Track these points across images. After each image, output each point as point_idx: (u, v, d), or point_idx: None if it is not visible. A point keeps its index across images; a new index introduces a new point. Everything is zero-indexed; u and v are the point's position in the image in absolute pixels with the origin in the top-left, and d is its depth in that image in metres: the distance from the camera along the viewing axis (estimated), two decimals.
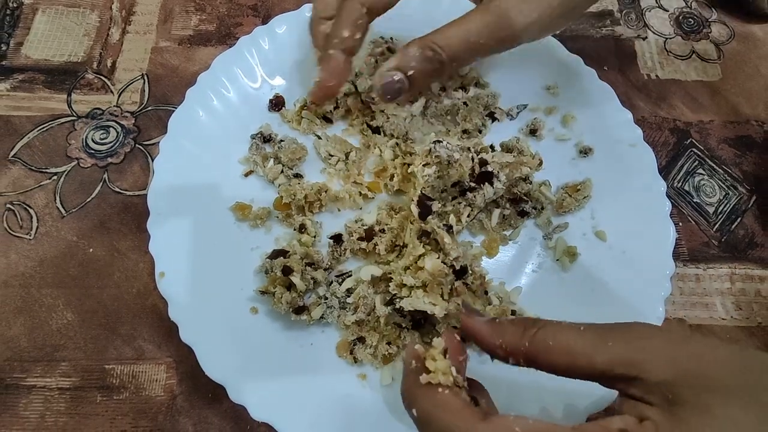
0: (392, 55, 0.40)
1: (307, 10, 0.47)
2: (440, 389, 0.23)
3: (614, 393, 0.24)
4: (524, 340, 0.24)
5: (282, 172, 0.42)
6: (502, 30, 0.32)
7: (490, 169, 0.36)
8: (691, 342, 0.22)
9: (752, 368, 0.21)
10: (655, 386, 0.21)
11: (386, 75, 0.34)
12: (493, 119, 0.45)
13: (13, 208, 0.43)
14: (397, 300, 0.34)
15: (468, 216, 0.37)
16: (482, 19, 0.32)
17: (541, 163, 0.43)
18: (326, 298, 0.37)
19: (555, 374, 0.24)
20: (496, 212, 0.41)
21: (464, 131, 0.44)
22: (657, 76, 0.52)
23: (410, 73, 0.34)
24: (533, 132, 0.45)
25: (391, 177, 0.42)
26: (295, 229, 0.39)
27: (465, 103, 0.44)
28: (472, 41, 0.32)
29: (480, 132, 0.44)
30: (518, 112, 0.46)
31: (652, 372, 0.21)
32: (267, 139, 0.43)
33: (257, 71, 0.46)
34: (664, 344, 0.22)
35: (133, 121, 0.47)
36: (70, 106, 0.47)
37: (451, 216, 0.35)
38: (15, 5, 0.52)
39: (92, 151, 0.45)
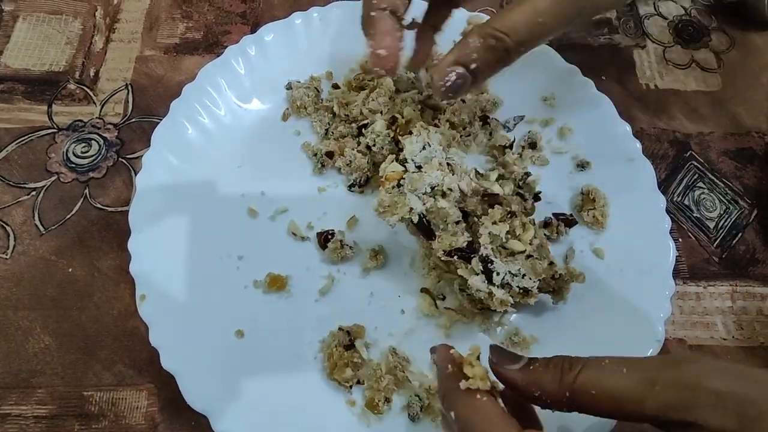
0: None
1: (296, 18, 0.46)
2: (479, 395, 0.23)
3: None
4: (564, 389, 0.23)
5: None
6: (577, 2, 0.28)
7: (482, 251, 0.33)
8: (746, 382, 0.21)
9: None
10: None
11: (448, 73, 0.30)
12: (485, 123, 0.44)
13: None
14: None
15: None
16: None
17: (533, 210, 0.39)
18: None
19: (600, 416, 0.23)
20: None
21: (450, 124, 0.42)
22: (656, 85, 0.50)
23: (473, 66, 0.30)
24: (532, 146, 0.44)
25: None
26: None
27: (462, 99, 0.43)
28: (542, 21, 0.28)
29: (464, 129, 0.43)
30: (515, 124, 0.45)
31: (710, 420, 0.20)
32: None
33: (245, 82, 0.44)
34: (718, 386, 0.21)
35: (116, 134, 0.45)
36: (50, 118, 0.46)
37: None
38: None
39: (73, 165, 0.44)
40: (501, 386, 0.25)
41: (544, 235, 0.39)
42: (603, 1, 0.30)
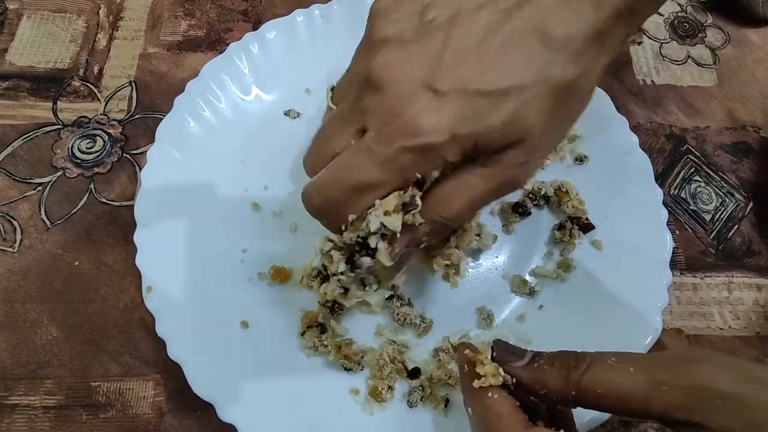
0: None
1: (298, 16, 0.47)
2: (490, 393, 0.24)
3: None
4: (570, 388, 0.23)
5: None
6: (507, 187, 0.29)
7: None
8: (753, 383, 0.21)
9: None
10: None
11: (404, 253, 0.30)
12: None
13: None
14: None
15: None
16: (486, 184, 0.28)
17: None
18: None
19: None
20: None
21: None
22: (652, 81, 0.51)
23: (423, 245, 0.31)
24: None
25: None
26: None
27: None
28: (478, 204, 0.29)
29: None
30: None
31: (716, 421, 0.21)
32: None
33: (247, 78, 0.45)
34: (727, 389, 0.21)
35: (121, 130, 0.46)
36: (55, 115, 0.46)
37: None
38: (0, 11, 0.51)
39: (78, 161, 0.44)
40: (512, 380, 0.25)
41: (555, 240, 0.40)
42: (528, 179, 0.30)
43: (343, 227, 0.29)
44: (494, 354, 0.26)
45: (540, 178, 0.43)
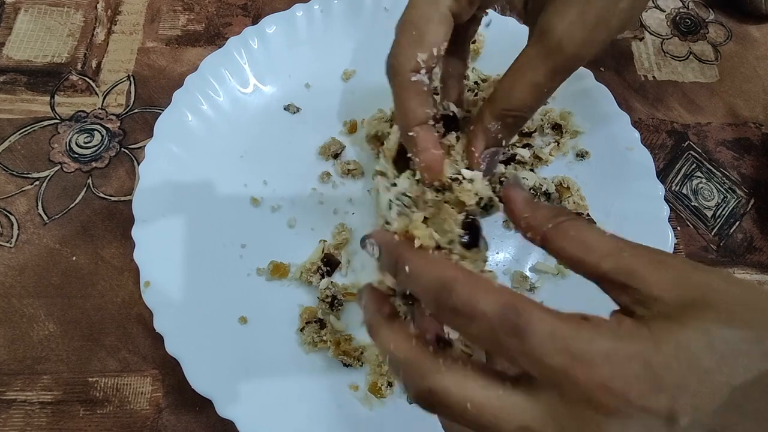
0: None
1: (298, 10, 0.46)
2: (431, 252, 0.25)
3: None
4: (549, 222, 0.24)
5: None
6: (567, 67, 0.28)
7: None
8: (708, 273, 0.21)
9: (765, 308, 0.20)
10: (646, 300, 0.21)
11: (485, 157, 0.31)
12: None
13: None
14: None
15: None
16: (544, 63, 0.28)
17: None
18: None
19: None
20: None
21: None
22: (654, 77, 0.51)
23: (503, 143, 0.31)
24: (556, 127, 0.44)
25: None
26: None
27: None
28: (542, 89, 0.29)
29: None
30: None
31: (651, 287, 0.21)
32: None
33: (247, 73, 0.45)
34: (677, 267, 0.21)
35: (119, 124, 0.46)
36: (53, 109, 0.46)
37: None
38: None
39: (76, 155, 0.44)
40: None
41: None
42: (585, 58, 0.29)
43: None
44: (508, 181, 0.26)
45: (541, 174, 0.43)
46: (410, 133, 0.31)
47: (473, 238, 0.29)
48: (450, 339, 0.26)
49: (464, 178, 0.34)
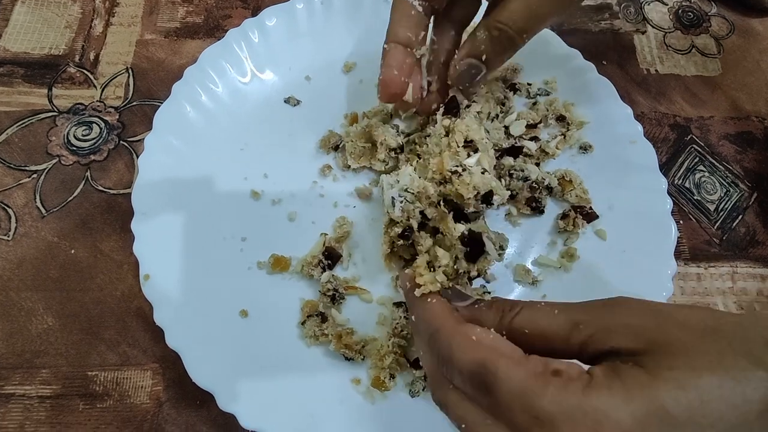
0: None
1: (298, 2, 0.46)
2: (429, 299, 0.27)
3: None
4: (501, 329, 0.25)
5: None
6: None
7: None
8: (662, 311, 0.23)
9: (724, 332, 0.21)
10: (618, 352, 0.22)
11: (461, 64, 0.33)
12: (515, 91, 0.44)
13: None
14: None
15: None
16: None
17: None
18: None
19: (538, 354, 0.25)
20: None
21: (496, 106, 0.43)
22: (656, 70, 0.51)
23: (483, 57, 0.33)
24: (561, 119, 0.44)
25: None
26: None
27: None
28: (536, 10, 0.31)
29: (503, 104, 0.43)
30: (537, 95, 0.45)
31: (622, 345, 0.22)
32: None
33: (246, 65, 0.44)
34: (634, 316, 0.23)
35: (117, 117, 0.45)
36: (50, 101, 0.45)
37: None
38: None
39: (74, 148, 0.44)
40: (448, 282, 0.28)
41: (559, 230, 0.40)
42: None
43: None
44: (443, 295, 0.28)
45: (544, 168, 0.43)
46: (384, 46, 0.33)
47: (474, 250, 0.29)
48: None
49: (464, 170, 0.34)
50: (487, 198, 0.34)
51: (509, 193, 0.36)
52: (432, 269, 0.29)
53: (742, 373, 0.20)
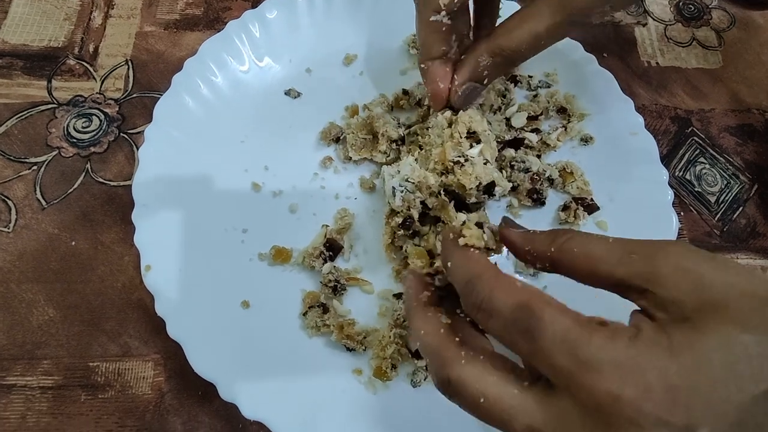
0: None
1: None
2: (473, 250, 0.26)
3: None
4: (552, 246, 0.24)
5: None
6: (571, 24, 0.31)
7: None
8: (724, 270, 0.21)
9: None
10: (665, 303, 0.21)
11: (464, 89, 0.34)
12: (516, 83, 0.44)
13: None
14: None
15: None
16: (551, 16, 0.31)
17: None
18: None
19: (577, 280, 0.24)
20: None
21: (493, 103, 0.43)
22: (657, 63, 0.50)
23: (485, 81, 0.34)
24: (562, 110, 0.44)
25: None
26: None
27: None
28: (541, 41, 0.32)
29: (504, 96, 0.43)
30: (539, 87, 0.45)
31: (667, 289, 0.21)
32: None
33: (246, 57, 0.44)
34: (691, 265, 0.21)
35: (117, 109, 0.45)
36: (50, 93, 0.45)
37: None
38: None
39: (74, 140, 0.43)
40: (495, 245, 0.27)
41: (560, 222, 0.40)
42: (591, 14, 0.32)
43: None
44: (501, 221, 0.28)
45: (545, 159, 0.43)
46: (422, 66, 0.35)
47: None
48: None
49: (466, 160, 0.34)
50: (488, 189, 0.34)
51: (511, 184, 0.36)
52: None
53: None
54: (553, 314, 0.21)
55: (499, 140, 0.41)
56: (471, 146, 0.34)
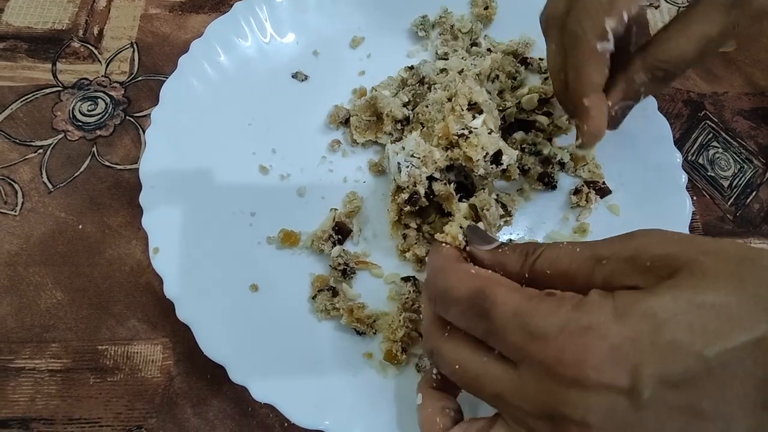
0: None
1: None
2: (444, 244, 0.27)
3: None
4: (524, 270, 0.25)
5: None
6: (754, 16, 0.28)
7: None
8: (691, 238, 0.22)
9: (753, 260, 0.20)
10: (645, 283, 0.21)
11: (617, 109, 0.31)
12: (527, 66, 0.44)
13: None
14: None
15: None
16: (723, 15, 0.27)
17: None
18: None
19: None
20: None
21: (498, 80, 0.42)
22: None
23: (641, 98, 0.31)
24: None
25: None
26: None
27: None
28: (708, 42, 0.28)
29: (515, 79, 0.43)
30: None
31: (647, 281, 0.21)
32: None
33: (253, 39, 0.43)
34: (659, 251, 0.21)
35: (123, 92, 0.44)
36: (55, 76, 0.45)
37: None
38: None
39: (80, 123, 0.43)
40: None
41: (572, 205, 0.40)
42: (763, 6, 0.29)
43: None
44: (465, 236, 0.28)
45: (556, 143, 0.42)
46: (585, 101, 0.31)
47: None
48: None
49: (470, 132, 0.33)
50: (496, 158, 0.33)
51: (517, 152, 0.35)
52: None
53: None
54: (504, 294, 0.22)
55: (509, 121, 0.40)
56: (474, 117, 0.34)
